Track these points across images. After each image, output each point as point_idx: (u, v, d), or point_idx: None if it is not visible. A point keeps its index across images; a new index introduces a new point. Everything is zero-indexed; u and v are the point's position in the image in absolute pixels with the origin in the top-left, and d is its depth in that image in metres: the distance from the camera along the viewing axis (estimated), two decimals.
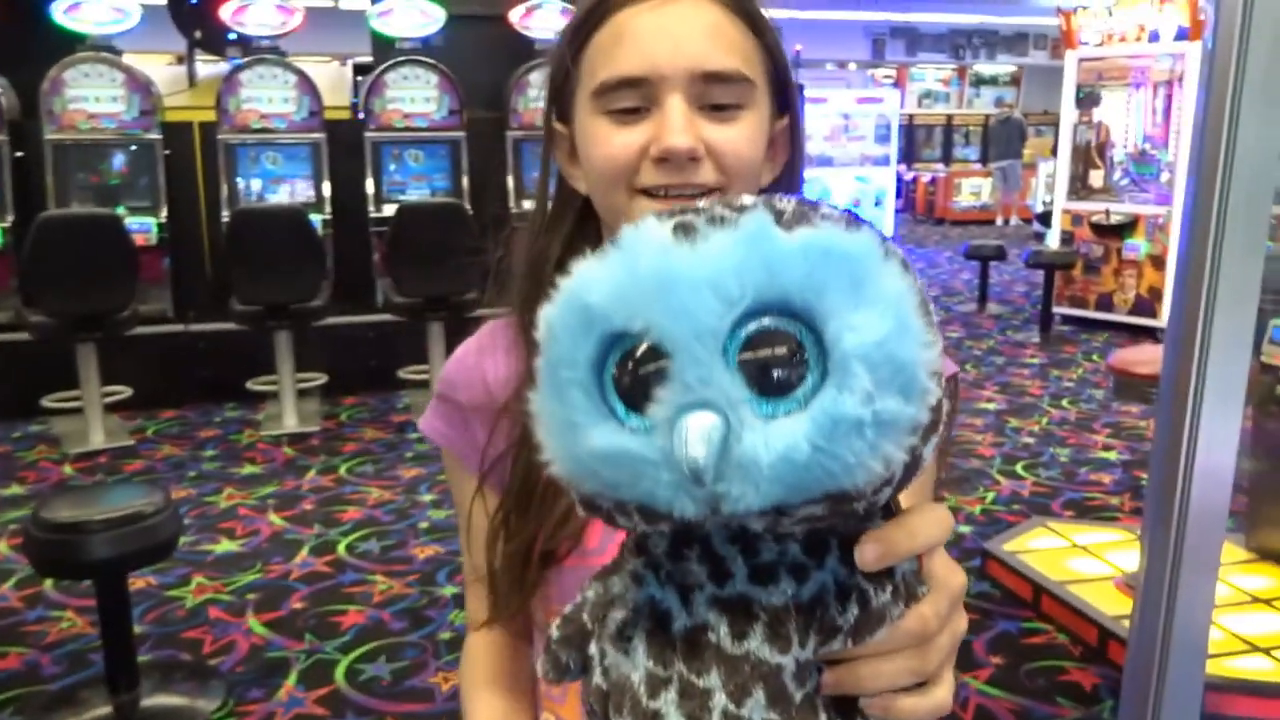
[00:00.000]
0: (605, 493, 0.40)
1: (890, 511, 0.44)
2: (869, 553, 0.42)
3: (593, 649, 0.46)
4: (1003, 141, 14.11)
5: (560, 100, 0.82)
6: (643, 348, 0.38)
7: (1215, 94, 0.96)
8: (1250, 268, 0.95)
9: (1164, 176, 7.07)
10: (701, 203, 0.42)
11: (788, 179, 0.84)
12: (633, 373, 0.38)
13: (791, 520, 0.38)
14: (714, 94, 0.74)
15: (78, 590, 3.26)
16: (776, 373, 0.37)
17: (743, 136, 0.75)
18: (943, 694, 0.47)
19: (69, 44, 5.38)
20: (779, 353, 0.37)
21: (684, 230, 0.39)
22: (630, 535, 0.46)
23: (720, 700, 0.41)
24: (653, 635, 0.43)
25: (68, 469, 4.53)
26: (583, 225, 0.84)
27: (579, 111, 0.79)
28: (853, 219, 0.40)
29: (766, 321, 0.37)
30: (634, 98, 0.75)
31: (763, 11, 0.78)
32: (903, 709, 0.45)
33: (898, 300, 0.37)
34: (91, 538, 2.39)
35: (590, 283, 0.39)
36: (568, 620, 0.48)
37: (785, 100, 0.81)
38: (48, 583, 3.32)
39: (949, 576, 0.47)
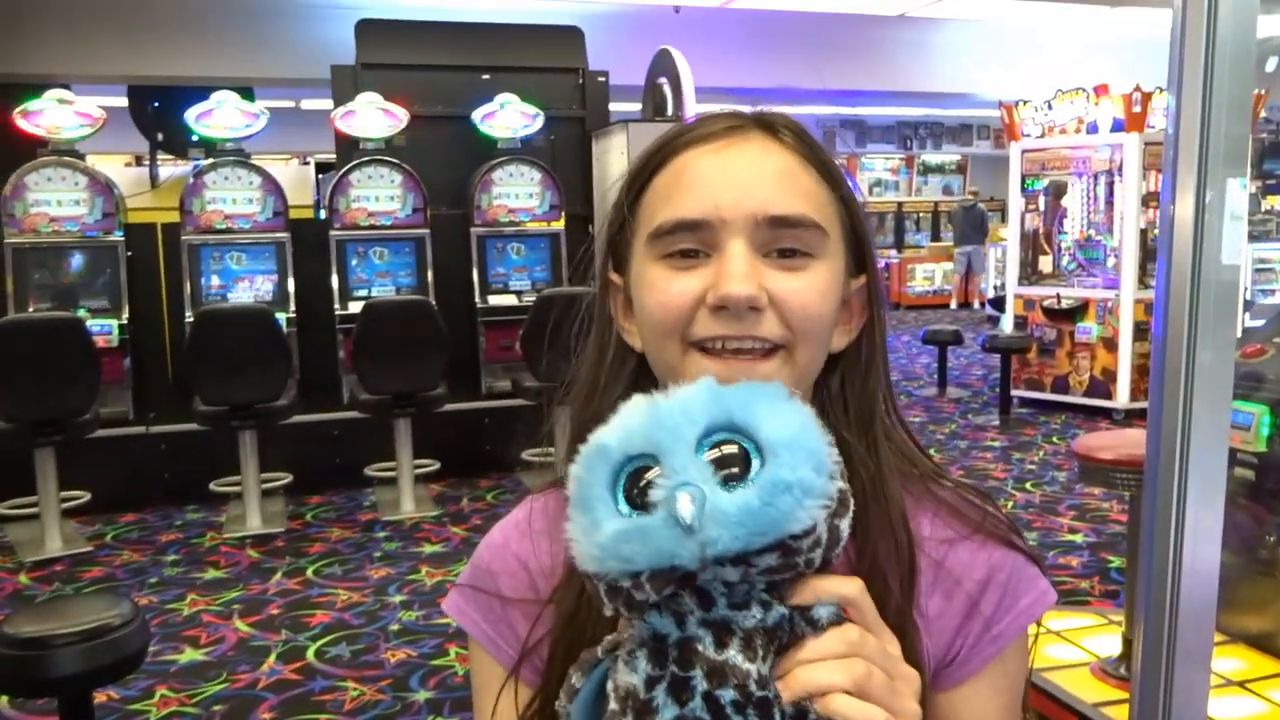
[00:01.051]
0: (624, 567, 0.54)
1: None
2: (801, 589, 0.57)
3: (608, 684, 0.58)
4: (967, 227, 14.42)
5: (616, 249, 0.77)
6: (643, 471, 0.55)
7: (1180, 204, 1.02)
8: (1223, 364, 1.00)
9: (1110, 261, 7.30)
10: None
11: (867, 345, 0.77)
12: (638, 483, 0.55)
13: (756, 570, 0.54)
14: (781, 239, 0.69)
15: (34, 707, 3.14)
16: (731, 463, 0.55)
17: (812, 288, 0.70)
18: (884, 714, 0.56)
19: (30, 148, 5.40)
20: (730, 451, 0.55)
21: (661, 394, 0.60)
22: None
23: (700, 687, 0.55)
24: (653, 650, 0.57)
25: (23, 578, 4.40)
26: (637, 387, 0.73)
27: (635, 258, 0.74)
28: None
29: (721, 435, 0.56)
30: (693, 241, 0.70)
31: (835, 158, 0.75)
32: (837, 706, 0.55)
33: (803, 414, 0.57)
34: (58, 653, 2.31)
35: (603, 433, 0.58)
36: (583, 657, 0.62)
37: (863, 258, 0.76)
38: (3, 700, 3.20)
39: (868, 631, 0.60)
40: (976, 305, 14.62)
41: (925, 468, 0.79)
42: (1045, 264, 7.77)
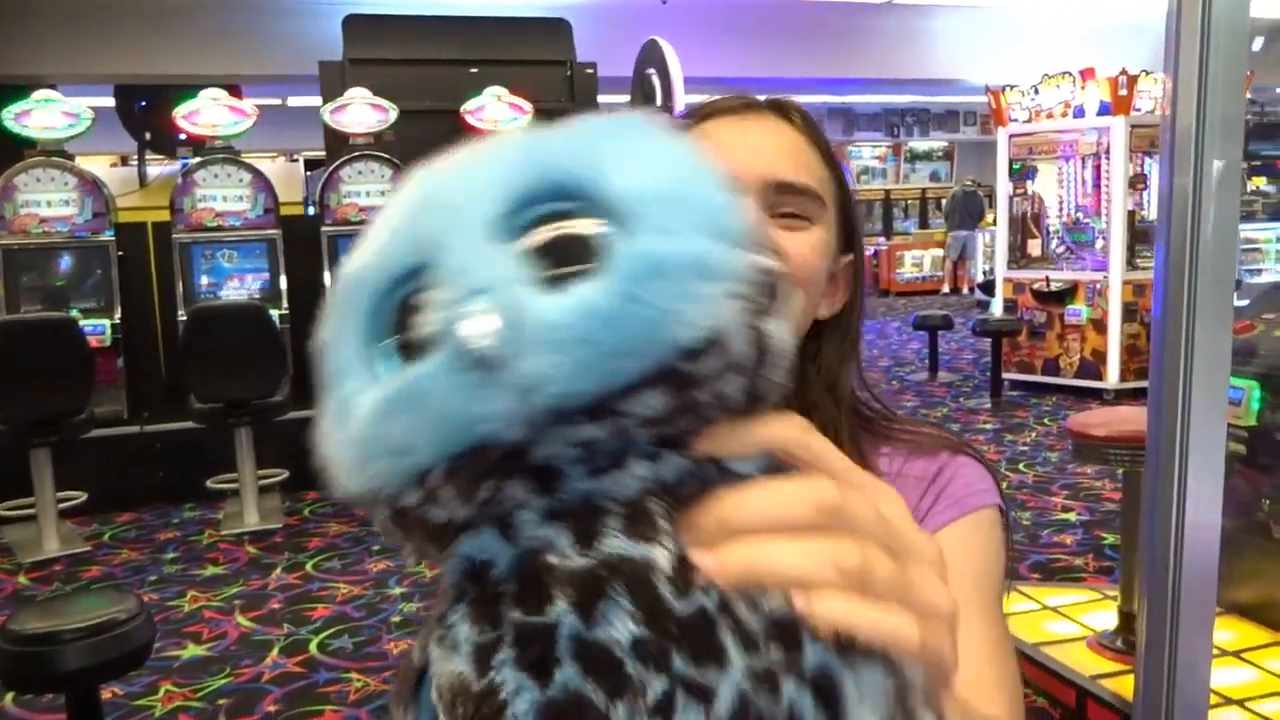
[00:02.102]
0: (396, 464, 0.32)
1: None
2: (712, 441, 0.33)
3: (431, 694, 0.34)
4: (965, 213, 14.42)
5: None
6: (414, 295, 0.32)
7: (1178, 185, 1.05)
8: (1220, 340, 1.02)
9: (1098, 243, 7.34)
10: None
11: (846, 319, 0.85)
12: (405, 319, 0.32)
13: (630, 422, 0.31)
14: (785, 203, 0.77)
15: (39, 705, 3.16)
16: (565, 255, 0.31)
17: (808, 244, 0.78)
18: (902, 622, 0.33)
19: (18, 150, 5.39)
20: (563, 230, 0.31)
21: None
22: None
23: (569, 627, 0.30)
24: (472, 602, 0.33)
25: (22, 579, 4.40)
26: None
27: None
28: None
29: (544, 207, 0.31)
30: None
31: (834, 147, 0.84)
32: (846, 614, 0.32)
33: (684, 151, 0.33)
34: (65, 648, 2.32)
35: (351, 257, 0.35)
36: (400, 672, 0.36)
37: (851, 242, 0.85)
38: (9, 697, 3.21)
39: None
40: (966, 290, 14.67)
41: (882, 421, 0.86)
42: (1034, 247, 7.82)
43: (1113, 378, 7.16)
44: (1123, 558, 3.22)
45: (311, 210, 6.01)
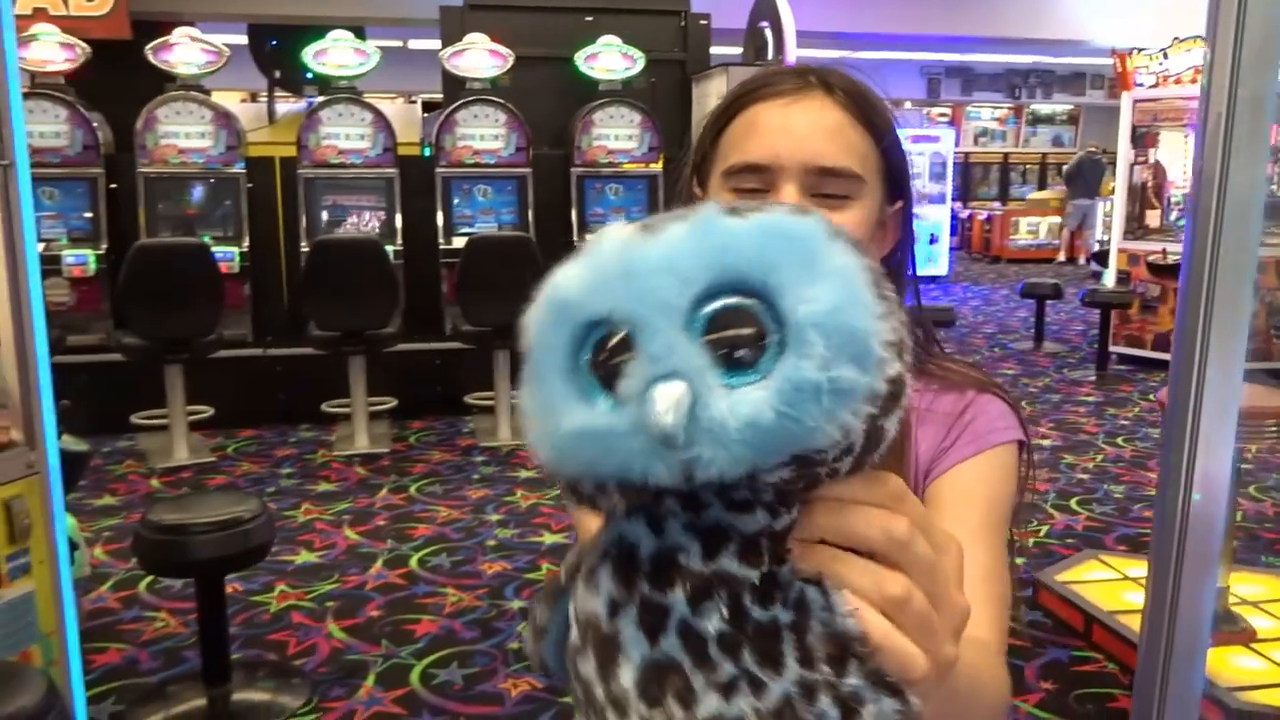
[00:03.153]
0: (585, 473, 0.41)
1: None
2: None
3: (570, 609, 0.45)
4: (1085, 181, 13.89)
5: (701, 171, 0.94)
6: (614, 336, 0.40)
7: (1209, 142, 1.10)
8: (1242, 299, 1.08)
9: None
10: None
11: (900, 255, 0.95)
12: (606, 358, 0.40)
13: (763, 483, 0.40)
14: (825, 185, 0.85)
15: (170, 593, 3.47)
16: (738, 345, 0.39)
17: (849, 223, 0.84)
18: (917, 654, 0.41)
19: (159, 83, 5.72)
20: (739, 327, 0.39)
21: (645, 228, 0.41)
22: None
23: (679, 610, 0.41)
24: (618, 563, 0.43)
25: (155, 483, 4.78)
26: None
27: (712, 184, 0.91)
28: (799, 208, 0.43)
29: (726, 300, 0.39)
30: (756, 181, 0.86)
31: (889, 116, 0.89)
32: (876, 627, 0.41)
33: (847, 274, 0.40)
34: (196, 539, 2.59)
35: (562, 280, 0.42)
36: (546, 587, 0.49)
37: (900, 189, 0.92)
38: (143, 585, 3.54)
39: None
40: (1082, 261, 14.21)
41: (921, 357, 0.93)
42: (1153, 219, 7.58)
43: (1172, 341, 6.92)
44: None
45: (428, 151, 6.23)
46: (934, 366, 0.94)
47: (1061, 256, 14.77)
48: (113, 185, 5.62)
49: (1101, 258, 10.41)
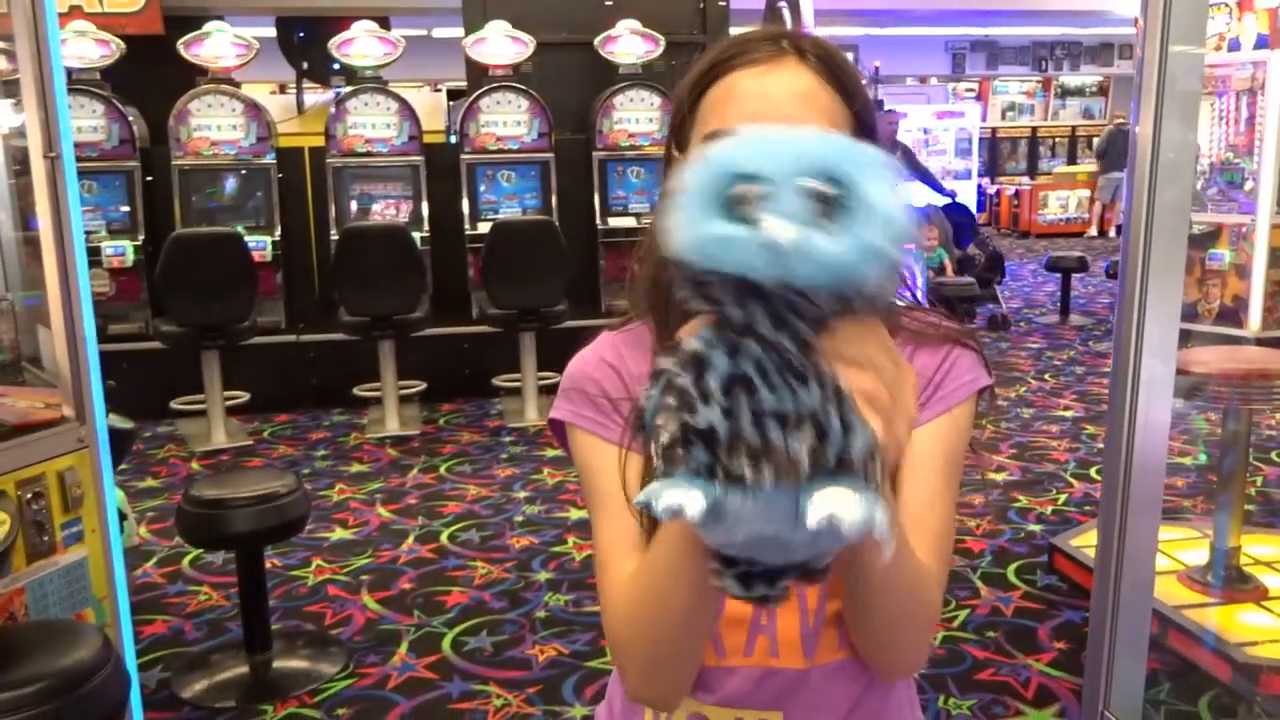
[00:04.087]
0: (715, 264, 0.59)
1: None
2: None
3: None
4: (1117, 153, 13.65)
5: (679, 134, 0.98)
6: (755, 186, 0.58)
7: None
8: (1175, 256, 1.14)
9: (1247, 185, 7.04)
10: None
11: None
12: (746, 197, 0.58)
13: (814, 301, 0.60)
14: None
15: (212, 569, 3.62)
16: (830, 207, 0.58)
17: None
18: (883, 426, 0.63)
19: (191, 77, 5.86)
20: (832, 194, 0.58)
21: (785, 128, 0.64)
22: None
23: (750, 351, 0.61)
24: (717, 326, 0.62)
25: (195, 465, 4.94)
26: None
27: (692, 149, 0.94)
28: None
29: (827, 179, 0.58)
30: None
31: (858, 78, 0.94)
32: (867, 407, 0.62)
33: (893, 184, 0.60)
34: (236, 512, 2.72)
35: (722, 147, 0.62)
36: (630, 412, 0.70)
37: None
38: (186, 561, 3.69)
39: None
40: (1113, 233, 14.06)
41: (897, 311, 0.99)
42: None
43: (1254, 324, 6.91)
44: (1216, 494, 3.26)
45: (453, 139, 6.33)
46: (908, 320, 0.98)
47: (1093, 230, 14.64)
48: (148, 178, 5.78)
49: None
